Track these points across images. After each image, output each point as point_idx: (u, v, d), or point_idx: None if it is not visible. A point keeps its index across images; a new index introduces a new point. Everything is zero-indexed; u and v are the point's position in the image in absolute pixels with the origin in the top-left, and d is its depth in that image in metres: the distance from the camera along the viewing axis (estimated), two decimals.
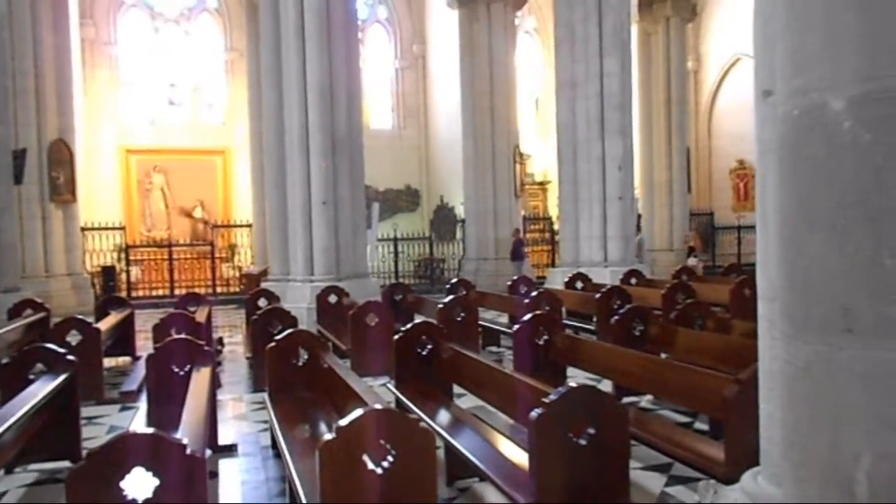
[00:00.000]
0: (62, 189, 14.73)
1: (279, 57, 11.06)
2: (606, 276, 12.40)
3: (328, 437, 2.70)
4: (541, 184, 23.28)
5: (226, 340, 10.73)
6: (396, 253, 19.10)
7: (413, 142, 23.45)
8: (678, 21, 18.58)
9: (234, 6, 20.78)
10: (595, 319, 9.06)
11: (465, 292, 10.42)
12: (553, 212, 21.79)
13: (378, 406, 2.92)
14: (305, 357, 5.26)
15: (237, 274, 18.91)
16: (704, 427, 5.43)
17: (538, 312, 6.40)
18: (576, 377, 6.00)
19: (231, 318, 14.00)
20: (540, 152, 22.67)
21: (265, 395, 5.41)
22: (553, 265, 18.53)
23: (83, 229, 16.41)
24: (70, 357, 5.09)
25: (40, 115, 14.15)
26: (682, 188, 18.76)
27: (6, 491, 4.52)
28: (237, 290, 17.75)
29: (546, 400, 3.06)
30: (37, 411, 4.16)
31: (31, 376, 4.94)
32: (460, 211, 20.06)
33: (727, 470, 3.52)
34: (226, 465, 4.98)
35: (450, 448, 4.18)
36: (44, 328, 8.83)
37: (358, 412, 2.75)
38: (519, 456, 3.66)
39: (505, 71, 17.62)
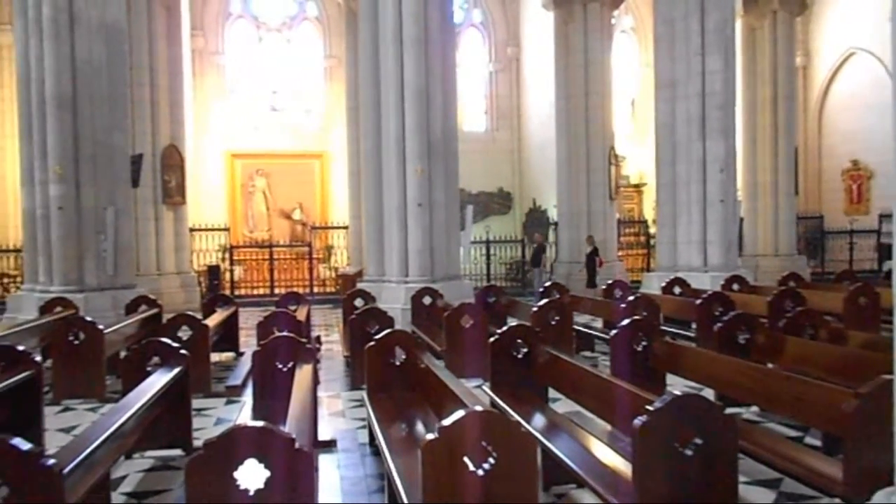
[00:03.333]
0: (173, 192, 15.57)
1: (377, 62, 11.29)
2: (706, 282, 11.98)
3: (430, 436, 2.73)
4: (636, 186, 22.72)
5: (323, 339, 11.03)
6: (488, 255, 19.10)
7: (506, 144, 23.42)
8: (786, 15, 17.69)
9: (333, 14, 21.42)
10: (695, 326, 8.75)
11: (558, 296, 10.29)
12: (648, 215, 21.23)
13: (479, 408, 2.92)
14: (403, 357, 5.33)
15: (333, 274, 19.42)
16: (816, 442, 5.14)
17: (636, 318, 6.25)
18: (674, 385, 5.82)
19: (327, 318, 14.39)
20: (635, 154, 22.13)
21: (362, 393, 5.53)
22: (648, 269, 18.05)
23: (191, 230, 17.26)
24: (183, 351, 5.37)
25: (155, 123, 15.03)
26: (789, 190, 17.82)
27: (126, 475, 4.81)
28: (333, 290, 18.23)
29: (650, 407, 2.98)
30: (154, 402, 4.40)
31: (149, 368, 5.24)
32: (553, 214, 19.84)
33: (846, 489, 3.32)
34: (325, 461, 5.12)
35: (546, 453, 4.13)
36: (157, 323, 9.37)
37: (459, 413, 2.76)
38: (619, 463, 3.58)
39: (600, 71, 17.29)
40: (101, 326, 7.44)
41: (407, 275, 11.21)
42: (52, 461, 2.59)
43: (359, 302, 9.89)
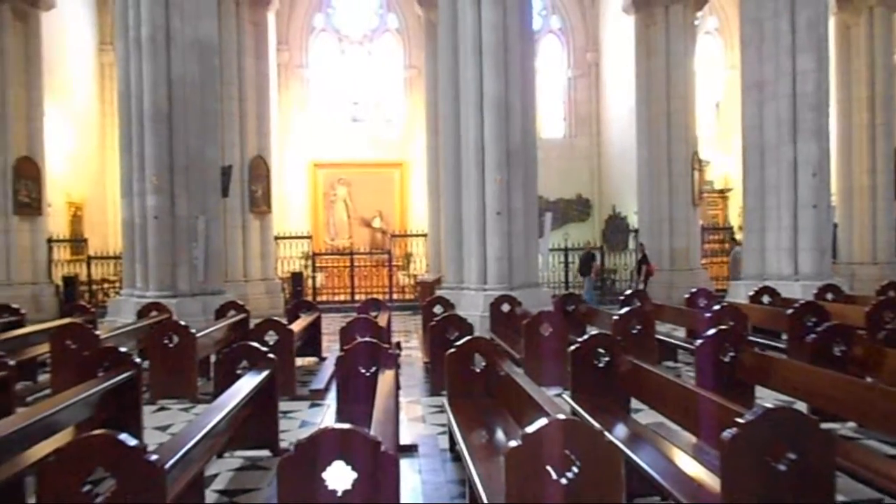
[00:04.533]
0: (260, 201, 16.16)
1: (456, 72, 11.40)
2: (797, 291, 11.49)
3: (513, 443, 2.73)
4: (721, 192, 22.04)
5: (402, 345, 11.16)
6: (567, 263, 18.90)
7: (584, 150, 23.16)
8: (884, 10, 16.81)
9: (413, 25, 21.76)
10: (786, 337, 8.40)
11: (639, 304, 10.09)
12: (734, 221, 20.54)
13: (561, 416, 2.91)
14: (482, 364, 5.35)
15: (412, 281, 19.64)
16: None
17: (723, 327, 6.06)
18: (764, 398, 5.62)
19: (406, 324, 14.56)
20: (720, 158, 21.48)
21: (442, 399, 5.57)
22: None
23: (276, 238, 17.83)
24: (271, 355, 5.55)
25: (242, 135, 15.66)
26: (888, 194, 16.88)
27: (217, 473, 5.01)
28: (412, 297, 18.43)
29: (741, 420, 2.89)
30: (244, 403, 4.58)
31: (238, 371, 5.45)
32: (634, 220, 19.47)
33: None
34: (406, 465, 5.18)
35: (629, 463, 4.06)
36: (244, 328, 9.72)
37: (542, 421, 2.76)
38: (705, 476, 3.49)
39: (683, 74, 16.89)
40: (193, 330, 7.78)
41: (485, 282, 11.23)
42: (155, 457, 2.74)
43: (438, 309, 9.97)
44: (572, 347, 5.48)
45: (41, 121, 16.04)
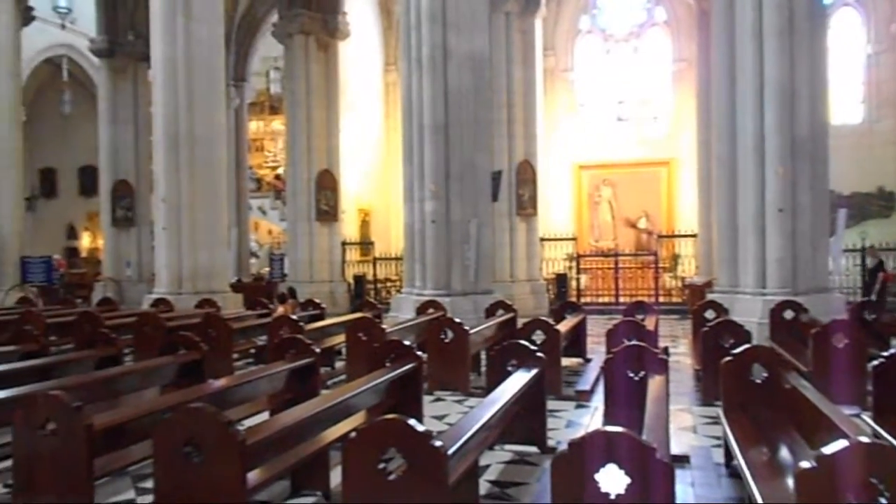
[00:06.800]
0: (526, 204, 16.67)
1: (732, 59, 10.66)
2: None
3: (806, 464, 2.49)
4: None
5: (670, 350, 10.70)
6: (864, 265, 16.64)
7: (888, 136, 20.15)
8: None
9: (683, 16, 20.83)
10: None
11: None
12: None
13: (865, 439, 2.58)
14: (763, 375, 4.94)
15: (679, 284, 18.80)
16: None
17: None
18: None
19: (672, 328, 13.95)
20: None
21: (715, 410, 5.26)
22: None
23: (541, 240, 18.18)
24: (539, 354, 5.69)
25: (511, 141, 16.31)
26: None
27: (489, 464, 5.26)
28: (678, 300, 17.63)
29: None
30: (515, 400, 4.75)
31: (508, 368, 5.67)
32: None
33: None
34: (678, 476, 4.96)
35: None
36: (512, 327, 10.07)
37: (841, 442, 2.48)
38: None
39: None
40: (466, 327, 8.25)
41: (764, 286, 10.33)
42: (439, 443, 2.97)
43: (709, 314, 9.43)
44: (875, 363, 4.85)
45: (338, 137, 18.31)
